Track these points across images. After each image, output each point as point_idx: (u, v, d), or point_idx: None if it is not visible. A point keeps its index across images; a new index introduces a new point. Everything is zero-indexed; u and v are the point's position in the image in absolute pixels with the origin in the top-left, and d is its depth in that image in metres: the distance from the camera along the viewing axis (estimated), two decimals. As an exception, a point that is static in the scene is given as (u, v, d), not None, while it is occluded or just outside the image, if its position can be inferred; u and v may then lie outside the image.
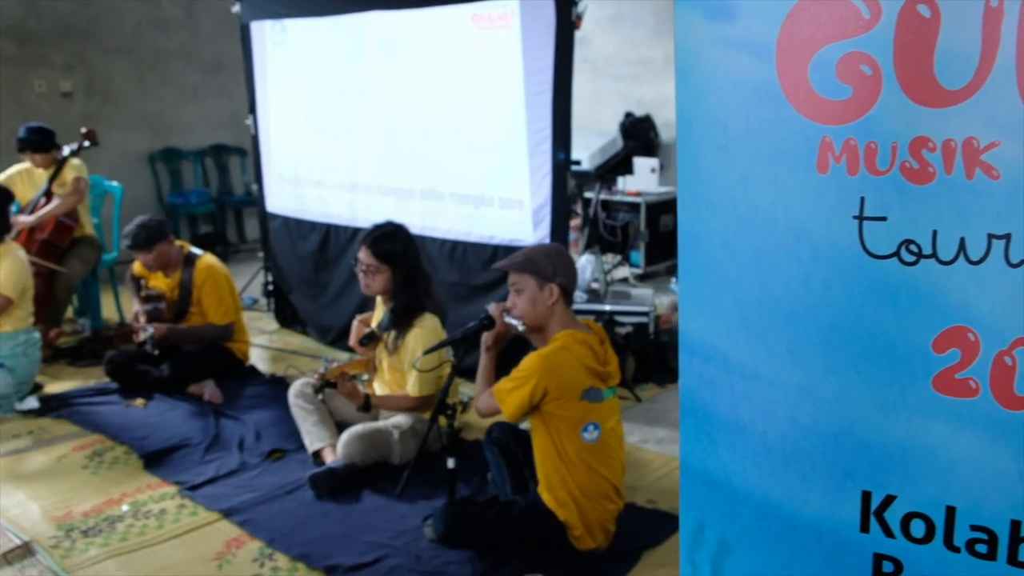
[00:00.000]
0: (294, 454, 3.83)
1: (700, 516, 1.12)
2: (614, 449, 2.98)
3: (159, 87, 8.25)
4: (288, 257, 5.68)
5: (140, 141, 8.15)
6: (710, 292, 1.04)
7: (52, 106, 7.32)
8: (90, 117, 6.70)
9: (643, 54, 8.51)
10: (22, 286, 4.42)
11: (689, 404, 1.10)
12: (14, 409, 4.33)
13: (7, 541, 3.14)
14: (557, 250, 3.03)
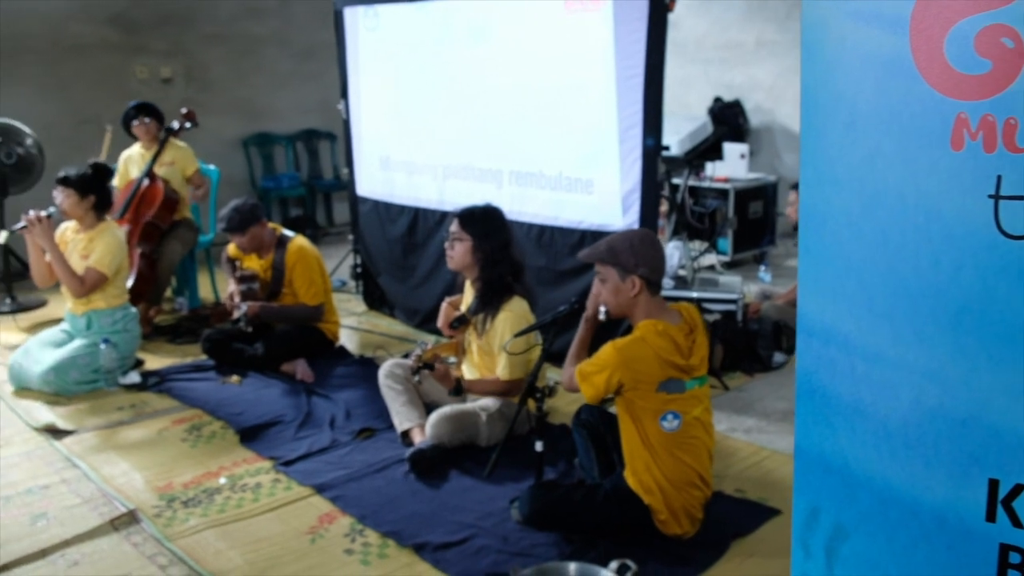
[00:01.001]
0: (383, 433, 3.89)
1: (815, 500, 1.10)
2: (699, 438, 2.94)
3: (253, 73, 8.45)
4: (377, 240, 5.77)
5: (235, 126, 8.36)
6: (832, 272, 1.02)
7: (153, 92, 7.55)
8: (188, 102, 6.89)
9: (733, 38, 8.36)
10: (118, 264, 4.57)
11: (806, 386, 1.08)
12: (118, 383, 4.50)
13: (113, 508, 3.28)
14: (642, 238, 2.96)
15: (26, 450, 3.82)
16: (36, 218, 4.39)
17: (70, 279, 4.44)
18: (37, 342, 4.58)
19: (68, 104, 7.50)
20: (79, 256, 4.53)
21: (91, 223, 4.58)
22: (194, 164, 5.68)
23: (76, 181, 4.49)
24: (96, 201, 4.55)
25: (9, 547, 3.03)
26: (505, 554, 2.91)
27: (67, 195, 4.48)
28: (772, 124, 8.27)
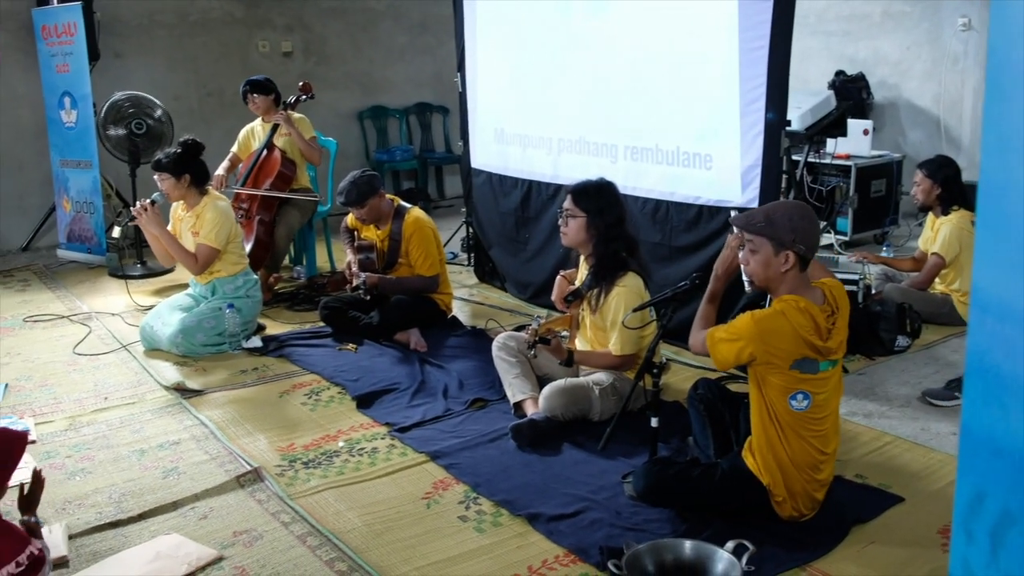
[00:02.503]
0: (496, 404, 3.93)
1: (981, 484, 1.05)
2: (827, 420, 2.86)
3: (369, 47, 8.58)
4: (490, 213, 5.80)
5: (351, 99, 8.52)
6: (1012, 245, 0.96)
7: (274, 65, 7.76)
8: (307, 76, 7.05)
9: (857, 9, 8.04)
10: (227, 234, 4.71)
11: (977, 364, 1.02)
12: (241, 347, 4.68)
13: (239, 466, 3.41)
14: (801, 213, 2.84)
15: (158, 407, 4.01)
16: (142, 208, 4.60)
17: (185, 259, 4.64)
18: (167, 305, 4.80)
19: (194, 76, 7.79)
20: (191, 233, 4.71)
21: (194, 200, 4.74)
22: (310, 131, 5.80)
23: (168, 164, 4.63)
24: (192, 178, 4.68)
25: (144, 498, 3.20)
26: (618, 528, 2.91)
27: (163, 178, 4.64)
28: (897, 100, 7.94)
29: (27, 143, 7.13)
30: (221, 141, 6.27)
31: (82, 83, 6.50)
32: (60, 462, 3.49)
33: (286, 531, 2.96)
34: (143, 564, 2.77)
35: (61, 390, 4.24)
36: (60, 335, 5.08)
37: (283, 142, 5.72)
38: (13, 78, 7.05)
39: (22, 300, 5.85)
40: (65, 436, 3.74)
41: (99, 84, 6.58)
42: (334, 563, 2.77)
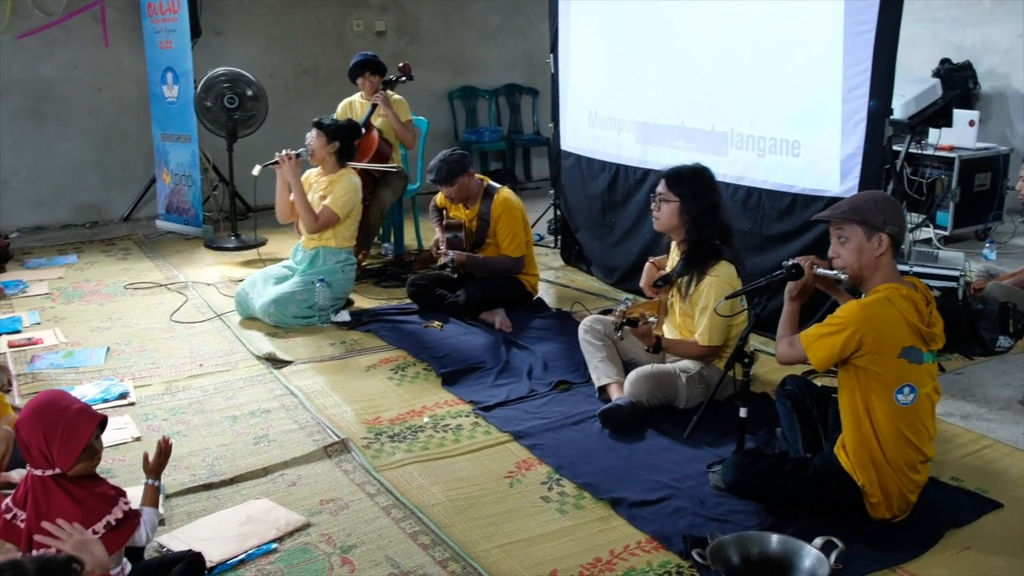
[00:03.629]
0: (580, 387, 3.92)
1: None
2: (926, 417, 2.77)
3: (461, 27, 8.61)
4: (577, 196, 5.77)
5: (441, 79, 8.57)
6: None
7: (368, 44, 7.83)
8: (400, 56, 7.10)
9: (968, -6, 7.72)
10: (351, 208, 4.91)
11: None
12: (330, 320, 4.76)
13: (327, 437, 3.48)
14: (885, 197, 2.84)
15: (250, 376, 4.12)
16: (286, 156, 4.81)
17: (307, 214, 4.80)
18: (262, 276, 4.93)
19: (291, 55, 7.93)
20: (319, 196, 4.89)
21: (332, 167, 4.95)
22: (407, 114, 5.87)
23: (328, 126, 4.92)
24: (340, 148, 4.93)
25: (236, 463, 3.29)
26: (702, 518, 2.87)
27: (318, 136, 4.89)
28: (1006, 90, 7.61)
29: (131, 117, 7.37)
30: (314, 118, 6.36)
31: (184, 59, 6.68)
32: (157, 424, 3.62)
33: (371, 502, 3.01)
34: (234, 526, 2.85)
35: (159, 355, 4.39)
36: (158, 302, 5.26)
37: (381, 122, 5.79)
38: (119, 54, 7.29)
39: (123, 268, 6.06)
40: (162, 400, 3.87)
41: (199, 60, 6.75)
42: (417, 536, 2.81)
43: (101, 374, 4.12)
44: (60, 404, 2.31)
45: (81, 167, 7.34)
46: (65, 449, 2.25)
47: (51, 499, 2.28)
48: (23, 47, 6.96)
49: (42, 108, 7.12)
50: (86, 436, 2.26)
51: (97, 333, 4.72)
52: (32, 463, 2.28)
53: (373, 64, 5.80)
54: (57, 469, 2.26)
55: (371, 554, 2.71)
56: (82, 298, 5.37)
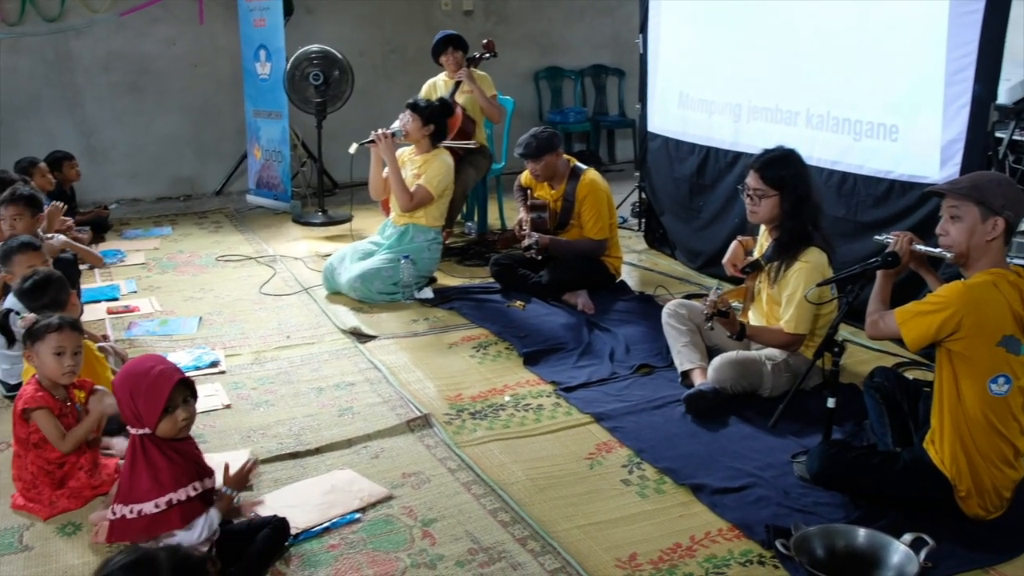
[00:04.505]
0: (662, 371, 3.89)
1: None
2: (1018, 410, 2.66)
3: (549, 7, 8.56)
4: (664, 178, 5.70)
5: (528, 59, 8.55)
6: None
7: (455, 23, 7.87)
8: (487, 35, 7.10)
9: (1082, -25, 7.34)
10: (443, 187, 4.97)
11: None
12: (413, 297, 4.82)
13: (409, 411, 3.53)
14: (1008, 180, 2.71)
15: (335, 349, 4.19)
16: (382, 135, 4.89)
17: (401, 192, 4.88)
18: (351, 251, 5.02)
19: (379, 33, 8.01)
20: (412, 175, 4.97)
21: (426, 148, 5.02)
22: (491, 89, 5.87)
23: (423, 109, 4.97)
24: (434, 130, 5.00)
25: (321, 433, 3.36)
26: (785, 508, 2.82)
27: (413, 118, 4.95)
28: (1120, 75, 7.22)
29: (225, 93, 7.56)
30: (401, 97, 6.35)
31: (276, 37, 6.80)
32: (246, 393, 3.72)
33: (452, 477, 3.04)
34: (319, 495, 2.91)
35: (248, 326, 4.50)
36: (248, 275, 5.39)
37: (464, 99, 5.80)
38: (215, 31, 7.46)
39: (215, 240, 6.23)
40: (251, 369, 3.97)
41: (291, 38, 6.86)
42: (497, 513, 2.83)
43: (193, 342, 4.25)
44: (145, 365, 2.40)
45: (177, 142, 7.56)
46: (148, 407, 2.33)
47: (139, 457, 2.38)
48: (125, 24, 7.18)
49: (141, 84, 7.35)
50: (164, 395, 2.34)
51: (190, 303, 4.87)
52: (127, 422, 2.38)
53: (456, 40, 5.82)
54: (146, 428, 2.35)
55: (451, 528, 2.74)
56: (176, 268, 5.55)
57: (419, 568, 2.55)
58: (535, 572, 2.53)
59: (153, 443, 2.37)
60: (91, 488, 2.92)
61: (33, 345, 2.90)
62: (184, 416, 2.39)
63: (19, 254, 3.71)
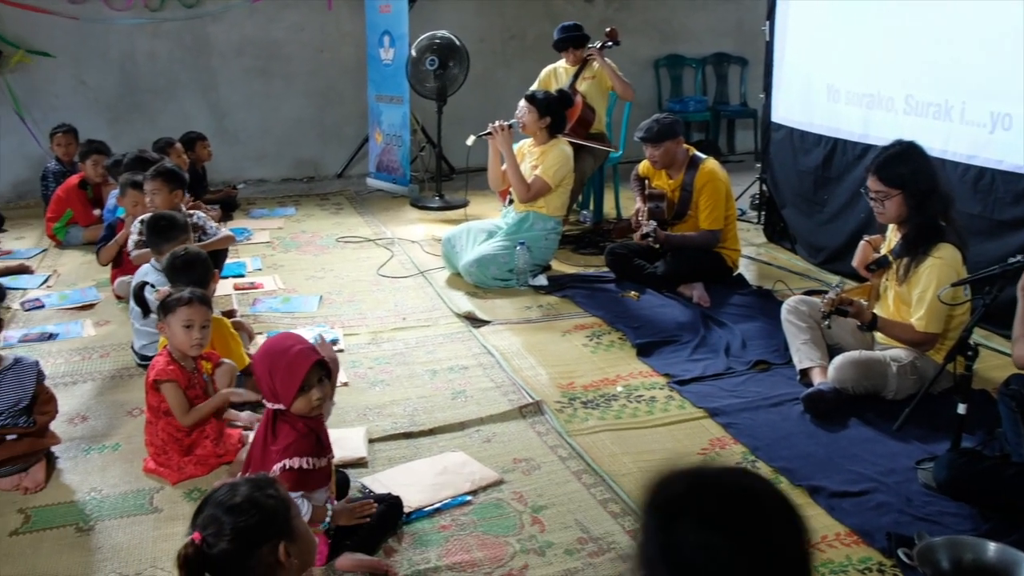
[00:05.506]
0: (780, 368, 3.79)
1: None
2: None
3: (672, -6, 8.43)
4: (787, 170, 5.54)
5: (648, 47, 8.44)
6: None
7: (576, 10, 7.83)
8: (608, 22, 7.04)
9: None
10: (561, 177, 4.97)
11: None
12: (528, 284, 4.83)
13: (521, 397, 3.54)
14: None
15: (449, 333, 4.25)
16: (499, 127, 4.94)
17: (519, 183, 4.91)
18: (474, 228, 5.10)
19: (499, 20, 8.04)
20: (531, 167, 4.98)
21: (543, 139, 5.04)
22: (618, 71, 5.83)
23: (540, 101, 4.98)
24: (551, 122, 5.00)
25: (434, 415, 3.41)
26: (908, 516, 2.72)
27: (529, 110, 4.97)
28: None
29: (349, 77, 7.73)
30: (519, 84, 6.44)
31: (401, 23, 6.91)
32: (363, 372, 3.81)
33: (563, 465, 3.04)
34: (432, 475, 2.96)
35: (365, 306, 4.61)
36: (366, 256, 5.51)
37: (585, 87, 5.78)
38: (341, 17, 7.64)
39: (335, 222, 6.40)
40: (368, 349, 4.06)
41: (414, 24, 6.96)
42: (607, 503, 2.81)
43: (314, 320, 4.38)
44: (285, 343, 2.47)
45: (302, 125, 7.78)
46: (285, 385, 2.40)
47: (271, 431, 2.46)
48: (257, 10, 7.43)
49: (270, 68, 7.59)
50: (302, 373, 2.40)
51: (311, 282, 5.01)
52: (264, 396, 2.46)
53: (575, 40, 5.79)
54: (281, 404, 2.42)
55: (561, 516, 2.75)
56: (299, 248, 5.72)
57: (528, 554, 2.57)
58: (644, 565, 2.50)
59: (286, 419, 2.44)
60: (216, 456, 3.05)
61: (165, 317, 3.05)
62: (318, 396, 2.46)
63: (183, 234, 3.88)
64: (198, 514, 1.70)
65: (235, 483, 1.73)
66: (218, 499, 1.69)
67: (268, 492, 1.71)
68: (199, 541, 1.64)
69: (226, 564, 1.64)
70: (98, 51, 7.13)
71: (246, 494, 1.68)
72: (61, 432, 3.18)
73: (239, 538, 1.64)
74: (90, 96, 7.19)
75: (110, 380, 3.77)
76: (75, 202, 5.74)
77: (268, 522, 1.67)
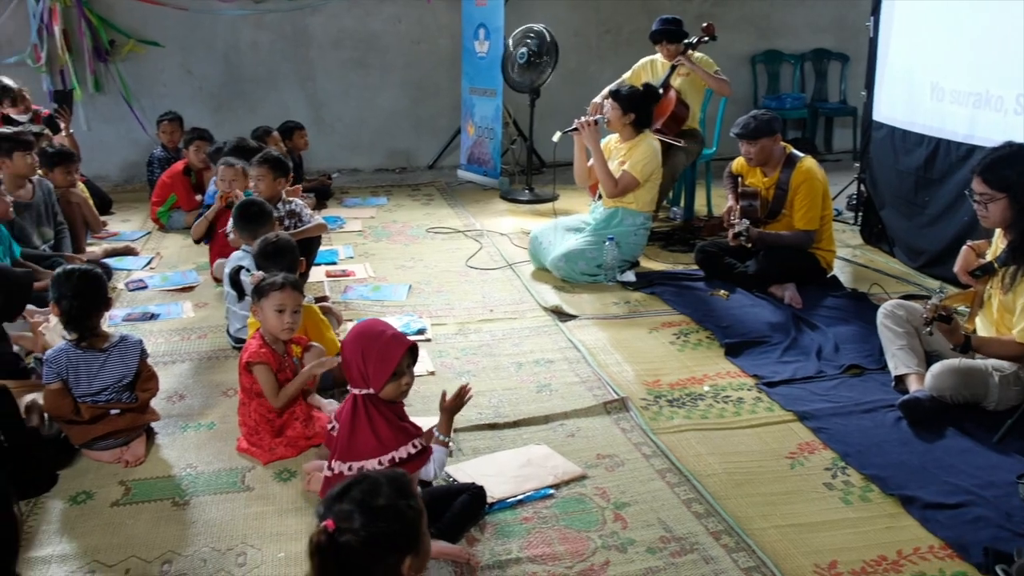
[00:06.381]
0: (874, 374, 3.69)
1: None
2: None
3: (771, -12, 8.26)
4: (887, 171, 5.38)
5: (745, 42, 8.30)
6: None
7: (673, 5, 7.72)
8: (705, 16, 6.93)
9: None
10: (649, 172, 4.92)
11: None
12: (615, 279, 4.81)
13: (606, 393, 3.53)
14: None
15: (536, 326, 4.26)
16: (585, 123, 4.90)
17: (607, 179, 4.88)
18: (560, 224, 5.10)
19: (595, 14, 8.01)
20: (618, 163, 4.95)
21: (629, 134, 4.99)
22: (713, 66, 5.74)
23: (623, 97, 4.93)
24: (636, 118, 4.93)
25: (519, 407, 3.43)
26: (1008, 531, 2.62)
27: (613, 107, 4.93)
28: None
29: (444, 70, 7.81)
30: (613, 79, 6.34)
31: (496, 16, 6.94)
32: (450, 362, 3.85)
33: (647, 463, 3.03)
34: (515, 467, 2.98)
35: (454, 297, 4.66)
36: (455, 247, 5.57)
37: (680, 83, 5.71)
38: (438, 9, 7.71)
39: (426, 213, 6.48)
40: (455, 339, 4.10)
41: (510, 18, 6.98)
42: (691, 504, 2.79)
43: (403, 309, 4.44)
44: (377, 328, 2.52)
45: (396, 116, 7.90)
46: (378, 370, 2.44)
47: (360, 416, 2.50)
48: (356, 2, 7.56)
49: (367, 59, 7.73)
50: (395, 359, 2.44)
51: (401, 271, 5.09)
52: (352, 382, 2.51)
53: (670, 34, 5.71)
54: (371, 389, 2.47)
55: (644, 514, 2.73)
56: (389, 237, 5.81)
57: (610, 550, 2.56)
58: (728, 568, 2.48)
59: (373, 404, 2.49)
60: (305, 438, 3.12)
61: (259, 301, 3.14)
62: (407, 381, 2.50)
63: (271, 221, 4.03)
64: (333, 501, 1.64)
65: (376, 479, 1.69)
66: (359, 495, 1.64)
67: (409, 502, 1.67)
68: (332, 530, 1.60)
69: (351, 561, 1.60)
70: (204, 41, 7.37)
71: (390, 499, 1.64)
72: (160, 409, 3.31)
73: (371, 543, 1.61)
74: (195, 85, 7.44)
75: (207, 361, 3.90)
76: (179, 187, 5.95)
77: (402, 534, 1.65)
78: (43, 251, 4.83)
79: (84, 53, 7.04)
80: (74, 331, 3.06)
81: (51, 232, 5.02)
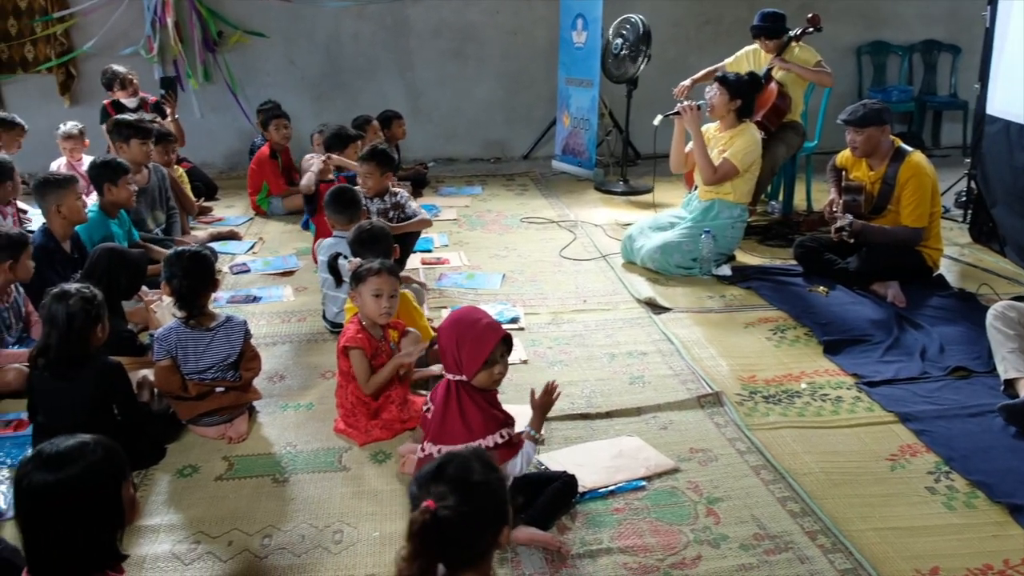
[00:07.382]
0: (981, 377, 3.55)
1: None
2: None
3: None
4: (1000, 167, 5.16)
5: (850, 33, 8.06)
6: None
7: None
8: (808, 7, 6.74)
9: None
10: (750, 161, 4.84)
11: None
12: (711, 273, 4.75)
13: (700, 387, 3.50)
14: None
15: (629, 318, 4.24)
16: (688, 107, 4.85)
17: (706, 166, 4.82)
18: (652, 223, 5.03)
19: (695, 4, 7.89)
20: (718, 151, 4.89)
21: (732, 123, 4.92)
22: (815, 57, 5.60)
23: (732, 82, 4.86)
24: (741, 105, 4.87)
25: (611, 398, 3.42)
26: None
27: (720, 91, 4.86)
28: None
29: (540, 61, 7.82)
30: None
31: (595, 6, 6.90)
32: (542, 351, 3.86)
33: (741, 459, 2.99)
34: (607, 458, 2.97)
35: (547, 287, 4.67)
36: (549, 237, 5.58)
37: (782, 75, 5.58)
38: (535, 1, 7.71)
39: (520, 203, 6.50)
40: (548, 329, 4.11)
41: (608, 8, 6.93)
42: (786, 502, 2.74)
43: (496, 298, 4.47)
44: (473, 316, 2.55)
45: (491, 106, 7.95)
46: (471, 357, 2.47)
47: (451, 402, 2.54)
48: (455, -7, 7.64)
49: (465, 50, 7.79)
50: (489, 347, 2.47)
51: (495, 260, 5.12)
52: (446, 367, 2.55)
53: (766, 31, 5.59)
54: (463, 376, 2.50)
55: (737, 511, 2.70)
56: (484, 227, 5.86)
57: (702, 544, 2.54)
58: (824, 568, 2.43)
59: (465, 391, 2.52)
60: (400, 422, 3.18)
61: (356, 286, 3.20)
62: (500, 370, 2.52)
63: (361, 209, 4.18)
64: (428, 481, 1.65)
65: (465, 456, 1.70)
66: (453, 473, 1.65)
67: (499, 475, 1.70)
68: (434, 509, 1.60)
69: (453, 538, 1.61)
70: (307, 32, 7.54)
71: (482, 475, 1.66)
72: (262, 389, 3.42)
73: (472, 519, 1.62)
74: (297, 75, 7.63)
75: (306, 343, 4.00)
76: (268, 173, 6.11)
77: (498, 507, 1.67)
78: (156, 234, 5.04)
79: (194, 44, 7.30)
80: (184, 309, 3.18)
81: (163, 216, 5.23)
